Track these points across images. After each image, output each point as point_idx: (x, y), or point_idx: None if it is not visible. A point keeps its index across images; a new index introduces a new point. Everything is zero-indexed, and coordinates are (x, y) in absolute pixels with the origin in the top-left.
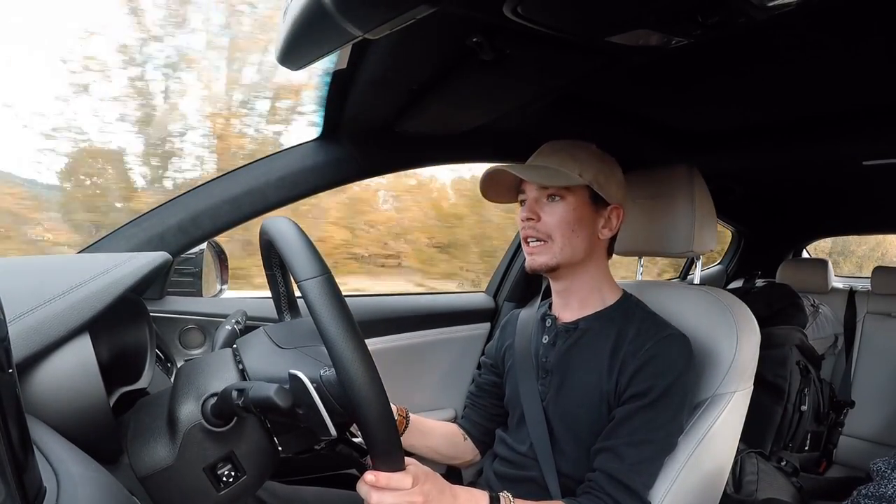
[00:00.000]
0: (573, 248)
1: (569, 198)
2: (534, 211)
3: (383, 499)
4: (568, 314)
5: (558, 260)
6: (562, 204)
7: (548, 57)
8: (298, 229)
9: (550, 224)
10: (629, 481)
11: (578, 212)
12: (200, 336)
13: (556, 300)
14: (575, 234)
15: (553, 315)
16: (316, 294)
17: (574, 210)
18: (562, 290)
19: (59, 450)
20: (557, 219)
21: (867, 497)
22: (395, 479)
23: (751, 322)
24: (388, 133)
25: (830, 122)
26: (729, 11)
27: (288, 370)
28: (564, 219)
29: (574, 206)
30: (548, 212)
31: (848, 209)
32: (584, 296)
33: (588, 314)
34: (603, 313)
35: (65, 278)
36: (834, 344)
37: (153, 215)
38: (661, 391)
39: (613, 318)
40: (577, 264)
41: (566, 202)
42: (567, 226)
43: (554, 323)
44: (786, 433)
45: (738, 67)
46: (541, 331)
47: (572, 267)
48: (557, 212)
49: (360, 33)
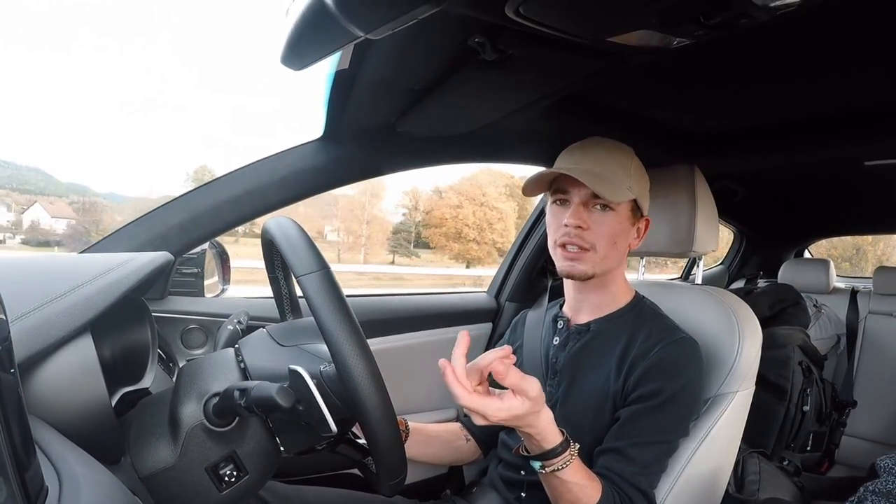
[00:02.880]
0: (611, 259)
1: (618, 209)
2: (583, 219)
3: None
4: (581, 316)
5: (596, 270)
6: (611, 215)
7: (550, 57)
8: (298, 227)
9: (598, 234)
10: (637, 482)
11: (623, 224)
12: (202, 336)
13: (571, 302)
14: (616, 246)
15: (565, 316)
16: (315, 289)
17: (620, 223)
18: (581, 295)
19: (61, 450)
20: (605, 230)
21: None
22: (527, 383)
23: (753, 322)
24: (390, 133)
25: (832, 122)
26: (731, 12)
27: (287, 366)
28: (612, 230)
29: (620, 218)
30: (597, 221)
31: (849, 209)
32: (599, 298)
33: (600, 316)
34: (615, 315)
35: (67, 278)
36: (836, 344)
37: (155, 215)
38: (670, 394)
39: (625, 320)
40: (608, 273)
41: (616, 213)
42: (612, 238)
43: (566, 324)
44: (788, 433)
45: (740, 68)
46: (552, 332)
47: (604, 275)
48: (607, 222)
49: (363, 34)
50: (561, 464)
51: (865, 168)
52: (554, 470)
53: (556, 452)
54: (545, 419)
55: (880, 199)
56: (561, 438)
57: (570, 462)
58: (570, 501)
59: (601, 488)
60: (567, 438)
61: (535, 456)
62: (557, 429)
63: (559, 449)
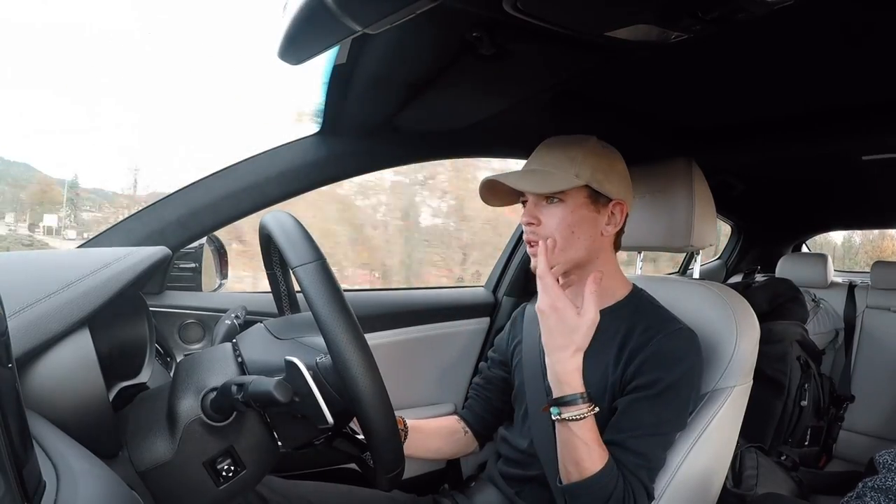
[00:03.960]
0: (575, 248)
1: (567, 199)
2: (533, 215)
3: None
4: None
5: (559, 260)
6: (560, 206)
7: (547, 52)
8: (294, 219)
9: (550, 227)
10: (639, 474)
11: (577, 213)
12: (200, 331)
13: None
14: (575, 235)
15: None
16: (310, 279)
17: (573, 212)
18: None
19: (59, 444)
20: (557, 221)
21: (873, 490)
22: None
23: (750, 317)
24: (387, 128)
25: (830, 116)
26: (729, 6)
27: (283, 358)
28: (564, 221)
29: (573, 207)
30: (547, 214)
31: (847, 204)
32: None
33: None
34: (612, 308)
35: (64, 273)
36: (835, 339)
37: (152, 210)
38: (668, 385)
39: (623, 312)
40: (582, 264)
41: (565, 204)
42: (567, 228)
43: None
44: (786, 428)
45: (737, 62)
46: None
47: (577, 267)
48: (557, 214)
49: (360, 28)
50: (577, 414)
51: (863, 163)
52: (569, 418)
53: (574, 400)
54: (574, 363)
55: (878, 194)
56: (583, 390)
57: (586, 416)
58: (575, 460)
59: (606, 460)
60: (588, 394)
61: (555, 400)
62: (582, 381)
63: (578, 398)
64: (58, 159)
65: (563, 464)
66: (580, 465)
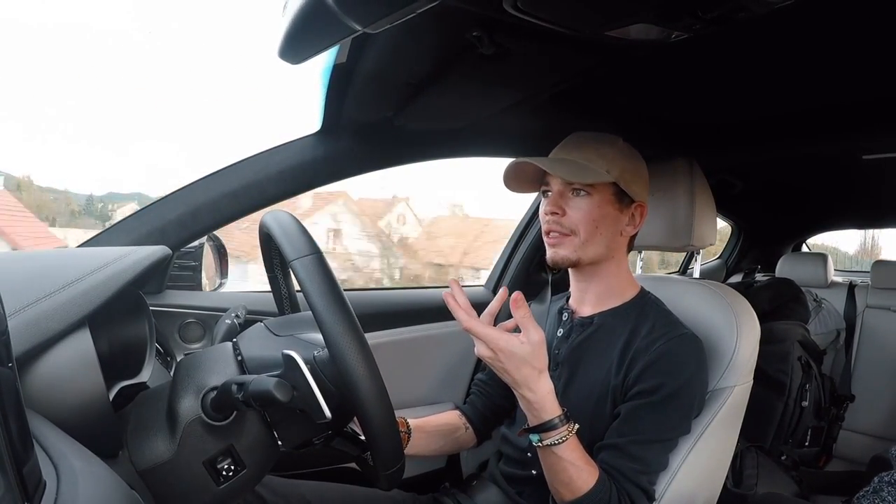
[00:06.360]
0: (595, 244)
1: (595, 194)
2: (559, 205)
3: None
4: (585, 308)
5: (579, 255)
6: (587, 199)
7: (548, 51)
8: (291, 216)
9: (575, 219)
10: (638, 480)
11: (603, 208)
12: (200, 330)
13: (575, 293)
14: (598, 230)
15: (570, 308)
16: (306, 272)
17: (599, 207)
18: (581, 285)
19: (59, 444)
20: (582, 214)
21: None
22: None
23: (750, 317)
24: (387, 127)
25: (830, 116)
26: (729, 5)
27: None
28: (589, 214)
29: (599, 202)
30: (573, 206)
31: (848, 203)
32: (602, 291)
33: (605, 309)
34: (619, 309)
35: (64, 272)
36: (836, 339)
37: (153, 209)
38: (671, 391)
39: (629, 314)
40: (598, 261)
41: (592, 198)
42: (591, 222)
43: (570, 317)
44: (786, 428)
45: (738, 61)
46: (556, 323)
47: (593, 263)
48: (583, 207)
49: (360, 28)
50: (558, 438)
51: (864, 162)
52: (551, 444)
53: (553, 425)
54: (545, 387)
55: (879, 194)
56: (559, 412)
57: (567, 438)
58: (565, 482)
59: (597, 475)
60: (566, 414)
61: (533, 428)
62: (557, 402)
63: (557, 422)
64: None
65: (552, 486)
66: (571, 486)
